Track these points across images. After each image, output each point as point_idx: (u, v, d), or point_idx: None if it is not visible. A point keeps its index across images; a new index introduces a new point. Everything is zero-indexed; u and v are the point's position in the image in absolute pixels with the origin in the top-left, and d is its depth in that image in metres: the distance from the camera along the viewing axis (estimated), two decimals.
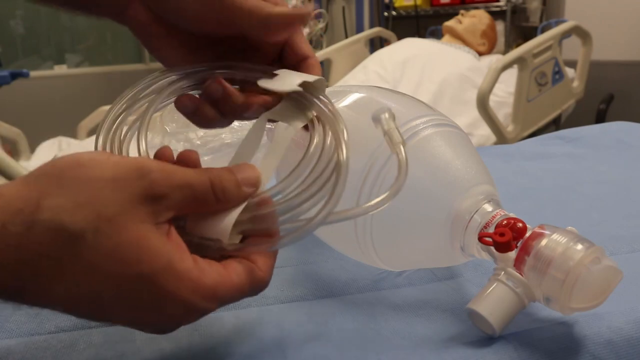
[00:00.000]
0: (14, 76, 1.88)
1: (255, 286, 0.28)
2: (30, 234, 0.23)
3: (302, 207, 0.29)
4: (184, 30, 0.37)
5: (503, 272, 0.30)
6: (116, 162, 0.25)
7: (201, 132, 0.62)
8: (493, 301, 0.30)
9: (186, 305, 0.25)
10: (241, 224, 0.28)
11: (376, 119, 0.33)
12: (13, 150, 1.99)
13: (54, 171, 0.25)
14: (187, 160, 0.30)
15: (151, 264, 0.24)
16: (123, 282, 0.24)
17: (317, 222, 0.28)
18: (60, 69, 2.83)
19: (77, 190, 0.24)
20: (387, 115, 0.33)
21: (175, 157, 0.31)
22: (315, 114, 0.33)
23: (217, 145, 0.61)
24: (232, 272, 0.27)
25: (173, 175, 0.26)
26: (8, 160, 1.07)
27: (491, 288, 0.30)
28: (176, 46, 0.38)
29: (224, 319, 0.35)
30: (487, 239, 0.31)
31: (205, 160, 0.61)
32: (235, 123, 0.39)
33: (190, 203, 0.27)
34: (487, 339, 0.31)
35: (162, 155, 0.30)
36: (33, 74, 2.07)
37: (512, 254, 0.30)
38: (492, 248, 0.31)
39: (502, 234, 0.30)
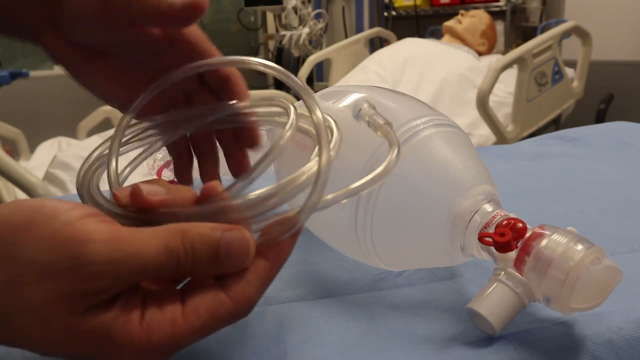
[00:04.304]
0: (14, 76, 1.88)
1: (227, 318, 0.25)
2: None
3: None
4: (92, 47, 0.34)
5: (503, 272, 0.30)
6: (54, 241, 0.22)
7: None
8: (493, 301, 0.30)
9: None
10: None
11: (356, 114, 0.34)
12: (13, 150, 1.99)
13: None
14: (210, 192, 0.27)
15: (84, 347, 0.23)
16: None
17: (308, 210, 0.26)
18: (60, 69, 2.83)
19: (2, 268, 0.22)
20: (366, 105, 0.34)
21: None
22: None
23: None
24: (192, 314, 0.24)
25: (123, 265, 0.23)
26: (8, 160, 1.08)
27: (491, 288, 0.30)
28: (96, 71, 0.35)
29: None
30: (487, 239, 0.31)
31: None
32: None
33: (141, 280, 0.25)
34: (487, 339, 0.31)
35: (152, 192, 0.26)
36: (33, 74, 2.07)
37: (512, 254, 0.30)
38: (492, 248, 0.31)
39: (502, 234, 0.30)
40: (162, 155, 0.60)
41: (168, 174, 0.61)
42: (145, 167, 0.61)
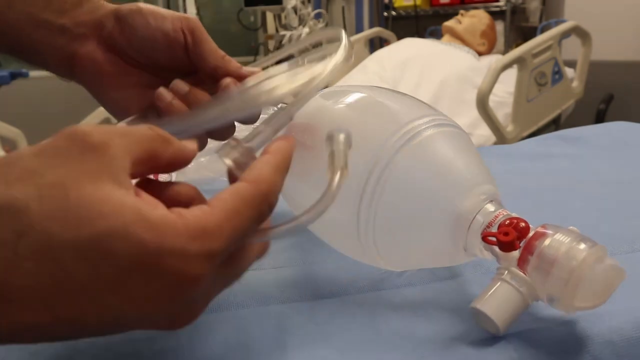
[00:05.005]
0: (14, 76, 1.89)
1: (253, 200, 0.24)
2: None
3: None
4: (139, 65, 0.40)
5: (507, 272, 0.30)
6: (40, 142, 0.22)
7: None
8: (497, 300, 0.30)
9: (178, 254, 0.21)
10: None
11: (329, 137, 0.30)
12: (13, 150, 1.99)
13: None
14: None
15: (117, 217, 0.20)
16: (91, 250, 0.20)
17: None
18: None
19: (4, 172, 0.21)
20: (342, 136, 0.30)
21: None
22: None
23: (214, 146, 0.61)
24: (216, 203, 0.23)
25: (106, 127, 0.23)
26: None
27: (495, 287, 0.30)
28: (130, 85, 0.40)
29: (224, 319, 0.35)
30: (491, 238, 0.31)
31: (201, 162, 0.61)
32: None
33: (139, 148, 0.23)
34: (488, 339, 0.31)
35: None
36: (33, 74, 2.07)
37: (515, 254, 0.30)
38: (496, 247, 0.31)
39: (506, 233, 0.30)
40: None
41: (165, 176, 0.61)
42: None
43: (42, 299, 0.20)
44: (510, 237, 0.30)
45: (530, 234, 0.30)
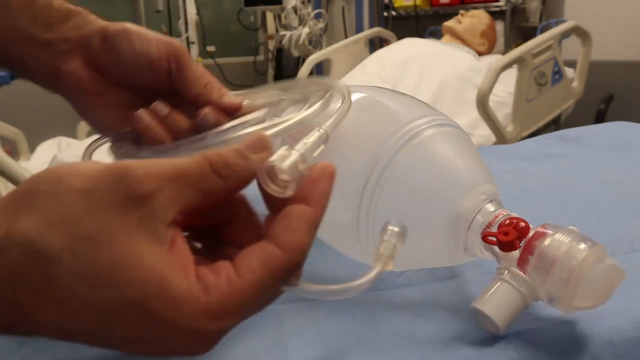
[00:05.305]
0: (14, 76, 1.88)
1: (283, 272, 0.24)
2: (4, 261, 0.20)
3: None
4: (122, 85, 0.40)
5: (507, 272, 0.30)
6: (91, 170, 0.22)
7: None
8: (497, 300, 0.30)
9: (192, 333, 0.22)
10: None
11: (385, 227, 0.28)
12: (13, 150, 1.99)
13: (29, 188, 0.22)
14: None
15: (140, 287, 0.21)
16: (110, 315, 0.21)
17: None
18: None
19: (48, 208, 0.21)
20: (397, 229, 0.28)
21: None
22: None
23: None
24: (246, 271, 0.23)
25: (159, 168, 0.22)
26: (8, 160, 1.07)
27: (495, 287, 0.30)
28: (112, 104, 0.40)
29: None
30: (491, 238, 0.31)
31: None
32: None
33: (192, 193, 0.23)
34: (488, 339, 0.31)
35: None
36: None
37: (515, 254, 0.30)
38: (496, 247, 0.31)
39: (506, 233, 0.30)
40: None
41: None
42: None
43: (62, 331, 0.22)
44: (510, 237, 0.30)
45: (530, 233, 0.30)
